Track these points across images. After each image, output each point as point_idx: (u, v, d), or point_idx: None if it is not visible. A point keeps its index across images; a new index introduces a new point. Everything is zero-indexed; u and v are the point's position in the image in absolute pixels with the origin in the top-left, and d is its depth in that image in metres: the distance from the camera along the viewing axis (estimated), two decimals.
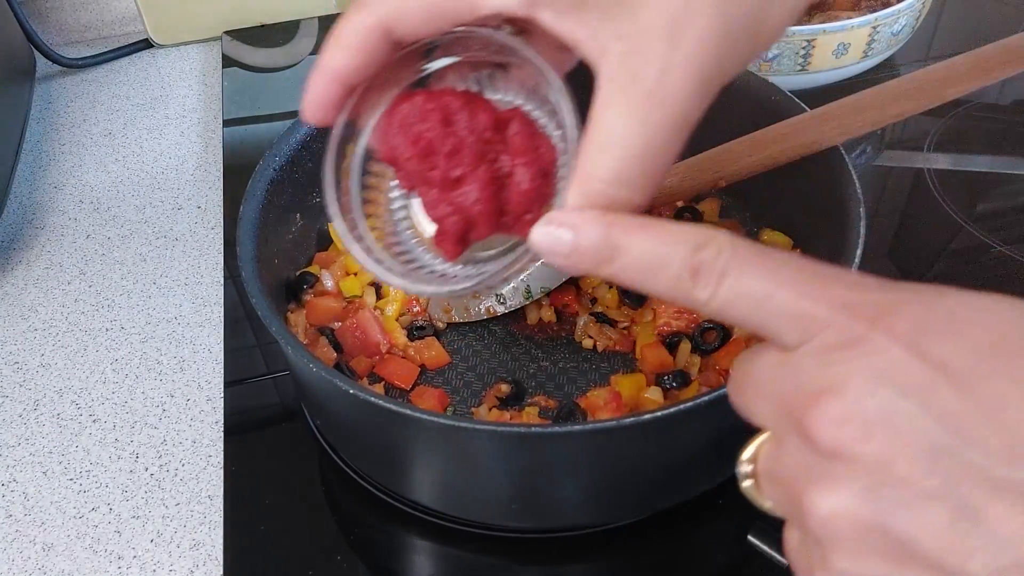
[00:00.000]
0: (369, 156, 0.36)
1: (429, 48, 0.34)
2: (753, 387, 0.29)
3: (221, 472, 0.55)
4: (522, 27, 0.32)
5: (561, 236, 0.29)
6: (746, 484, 0.30)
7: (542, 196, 0.32)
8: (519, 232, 0.33)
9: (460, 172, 0.32)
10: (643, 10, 0.28)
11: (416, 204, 0.36)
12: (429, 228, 0.35)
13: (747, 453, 0.30)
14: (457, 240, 0.34)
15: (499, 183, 0.33)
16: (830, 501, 0.25)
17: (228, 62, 0.90)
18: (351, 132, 0.35)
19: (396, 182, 0.37)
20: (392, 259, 0.37)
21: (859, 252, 0.48)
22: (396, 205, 0.38)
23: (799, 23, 0.81)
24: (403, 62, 0.34)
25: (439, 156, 0.32)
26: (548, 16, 0.29)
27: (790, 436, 0.27)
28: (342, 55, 0.31)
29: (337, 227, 0.36)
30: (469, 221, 0.33)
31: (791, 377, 0.27)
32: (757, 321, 0.27)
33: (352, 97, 0.33)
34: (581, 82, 0.31)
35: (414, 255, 0.37)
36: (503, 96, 0.35)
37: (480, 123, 0.32)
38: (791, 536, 0.28)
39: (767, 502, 0.29)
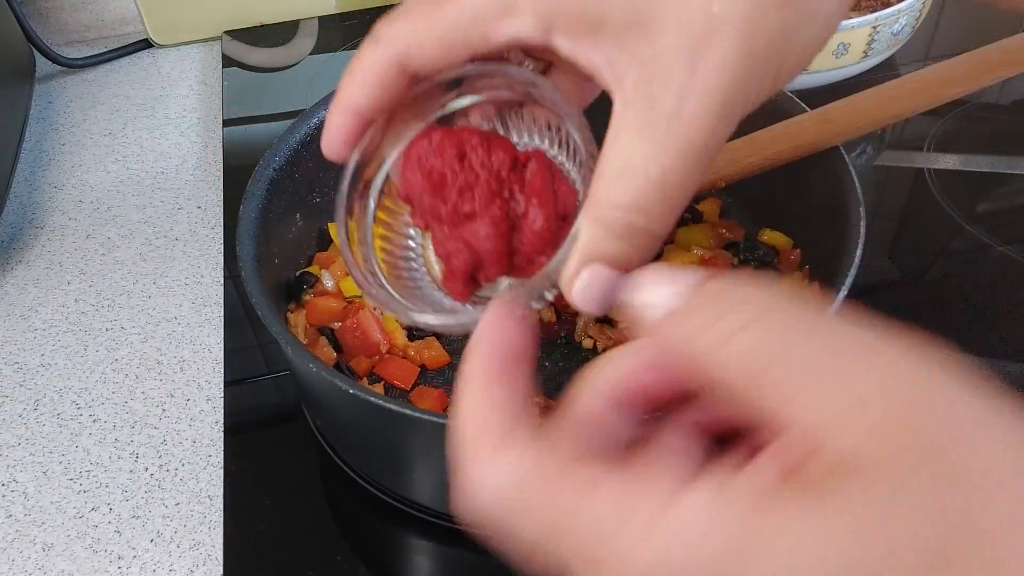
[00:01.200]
0: (384, 190, 0.35)
1: (454, 82, 0.33)
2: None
3: (221, 472, 0.55)
4: (543, 59, 0.32)
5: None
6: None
7: (557, 240, 0.30)
8: (531, 276, 0.32)
9: (471, 208, 0.31)
10: (661, 33, 0.26)
11: (430, 248, 0.35)
12: (439, 270, 0.34)
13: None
14: (465, 278, 0.32)
15: (512, 223, 0.31)
16: None
17: (228, 62, 0.90)
18: (369, 163, 0.34)
19: (411, 221, 0.35)
20: (400, 290, 0.35)
21: (859, 252, 0.48)
22: (410, 244, 0.36)
23: None
24: (428, 95, 0.33)
25: (451, 190, 0.31)
26: (564, 43, 0.28)
27: None
28: (358, 90, 0.31)
29: (343, 249, 0.34)
30: (477, 258, 0.32)
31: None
32: (744, 398, 0.21)
33: (371, 130, 0.32)
34: (603, 112, 0.29)
35: (424, 292, 0.35)
36: (527, 139, 0.34)
37: (496, 160, 0.31)
38: None
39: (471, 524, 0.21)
